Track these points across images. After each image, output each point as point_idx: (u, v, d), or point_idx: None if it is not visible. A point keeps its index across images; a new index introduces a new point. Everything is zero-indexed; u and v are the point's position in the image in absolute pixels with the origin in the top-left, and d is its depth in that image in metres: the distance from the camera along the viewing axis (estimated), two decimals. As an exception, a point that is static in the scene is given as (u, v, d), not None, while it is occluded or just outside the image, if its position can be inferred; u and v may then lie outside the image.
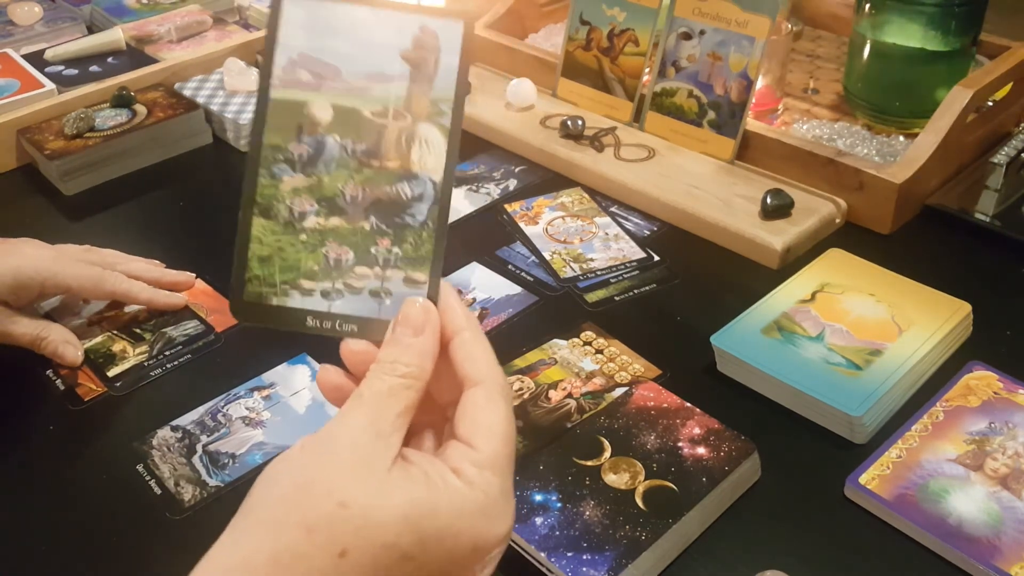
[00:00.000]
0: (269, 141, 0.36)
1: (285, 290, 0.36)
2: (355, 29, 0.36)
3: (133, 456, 0.61)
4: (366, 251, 0.36)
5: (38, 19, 1.23)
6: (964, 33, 0.87)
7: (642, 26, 0.92)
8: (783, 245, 0.76)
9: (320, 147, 0.36)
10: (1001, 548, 0.51)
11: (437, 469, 0.34)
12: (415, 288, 0.36)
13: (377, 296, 0.36)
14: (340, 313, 0.36)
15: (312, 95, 0.36)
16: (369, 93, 0.36)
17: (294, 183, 0.36)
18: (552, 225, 0.83)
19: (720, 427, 0.57)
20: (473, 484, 0.33)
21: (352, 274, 0.36)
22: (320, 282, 0.36)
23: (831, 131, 0.91)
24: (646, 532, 0.51)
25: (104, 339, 0.71)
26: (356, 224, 0.36)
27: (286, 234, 0.36)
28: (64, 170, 0.91)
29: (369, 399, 0.34)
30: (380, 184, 0.36)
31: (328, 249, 0.36)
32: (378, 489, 0.32)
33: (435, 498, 0.33)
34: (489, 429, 0.35)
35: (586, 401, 0.63)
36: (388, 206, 0.36)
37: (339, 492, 0.32)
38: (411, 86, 0.36)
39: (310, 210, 0.36)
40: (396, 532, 0.32)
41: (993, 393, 0.61)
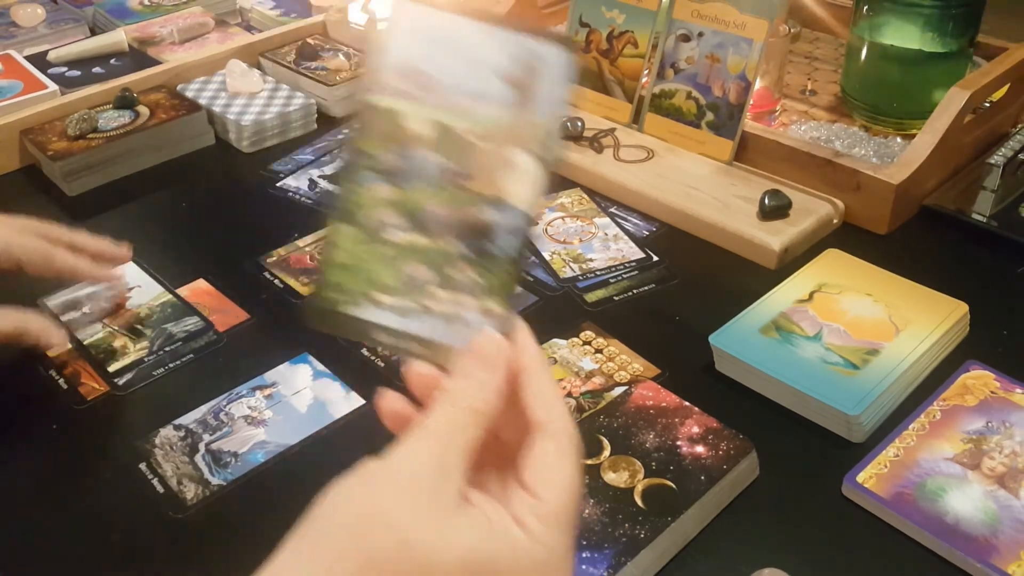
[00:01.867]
0: (363, 147, 0.35)
1: (359, 301, 0.35)
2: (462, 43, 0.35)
3: (136, 455, 0.61)
4: (446, 274, 0.35)
5: (41, 21, 1.23)
6: (961, 34, 0.88)
7: (641, 28, 0.93)
8: (781, 245, 0.76)
9: (412, 161, 0.35)
10: (998, 546, 0.51)
11: (500, 516, 0.32)
12: (489, 318, 0.35)
13: (450, 321, 0.35)
14: (411, 332, 0.35)
15: (412, 106, 0.35)
16: (469, 112, 0.35)
17: (381, 193, 0.35)
18: (552, 225, 0.84)
19: (718, 426, 0.58)
20: (535, 538, 0.32)
21: (429, 295, 0.35)
22: (395, 298, 0.35)
23: (829, 132, 0.92)
24: (645, 530, 0.51)
25: (105, 335, 0.72)
26: (440, 245, 0.35)
27: (369, 244, 0.35)
28: (67, 171, 0.91)
29: (435, 431, 0.33)
30: (469, 207, 0.35)
31: (407, 265, 0.35)
32: (440, 530, 0.31)
33: (496, 548, 0.32)
34: (557, 481, 0.33)
35: (585, 400, 0.64)
36: (475, 231, 0.35)
37: (402, 529, 0.31)
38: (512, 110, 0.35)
39: (395, 223, 0.35)
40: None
41: (990, 392, 0.61)
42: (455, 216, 0.35)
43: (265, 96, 1.02)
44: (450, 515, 0.32)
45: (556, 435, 0.34)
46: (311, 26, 1.18)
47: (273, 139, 1.00)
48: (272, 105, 1.01)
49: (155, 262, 0.80)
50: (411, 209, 0.35)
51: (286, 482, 0.59)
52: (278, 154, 0.97)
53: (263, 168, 0.95)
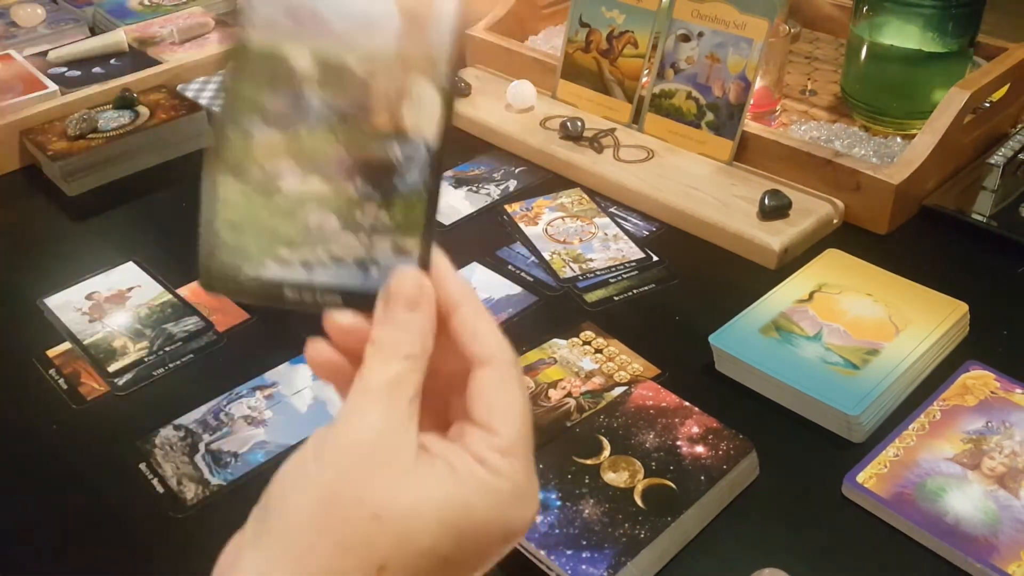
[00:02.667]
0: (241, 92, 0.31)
1: (260, 260, 0.32)
2: None
3: (135, 455, 0.61)
4: (351, 217, 0.32)
5: (41, 21, 1.23)
6: (961, 34, 0.88)
7: (641, 28, 0.93)
8: (781, 245, 0.76)
9: (298, 101, 0.32)
10: (998, 546, 0.51)
11: (461, 460, 0.32)
12: (405, 257, 0.33)
13: (363, 266, 0.33)
14: (322, 284, 0.33)
15: (290, 41, 0.31)
16: (355, 42, 0.31)
17: (269, 140, 0.32)
18: (552, 226, 0.84)
19: (718, 426, 0.58)
20: (500, 473, 0.32)
21: (335, 242, 0.32)
22: (299, 251, 0.32)
23: (829, 132, 0.92)
24: (645, 530, 0.51)
25: (104, 335, 0.72)
26: (339, 188, 0.32)
27: (260, 197, 0.32)
28: (67, 171, 0.91)
29: (378, 390, 0.32)
30: (367, 145, 0.32)
31: (308, 215, 0.32)
32: (408, 494, 0.31)
33: (466, 495, 0.31)
34: (507, 411, 0.33)
35: (585, 400, 0.64)
36: (376, 169, 0.32)
37: (370, 502, 0.30)
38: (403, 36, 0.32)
39: (287, 171, 0.32)
40: (433, 537, 0.30)
41: (990, 392, 0.61)
42: (354, 157, 0.32)
43: (265, 96, 1.02)
44: (414, 474, 0.31)
45: (496, 364, 0.33)
46: (311, 26, 1.18)
47: (273, 139, 1.00)
48: (272, 105, 1.00)
49: (155, 262, 0.80)
50: (306, 155, 0.32)
51: (286, 482, 0.59)
52: (278, 154, 0.97)
53: (263, 168, 0.95)
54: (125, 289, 0.77)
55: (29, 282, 0.79)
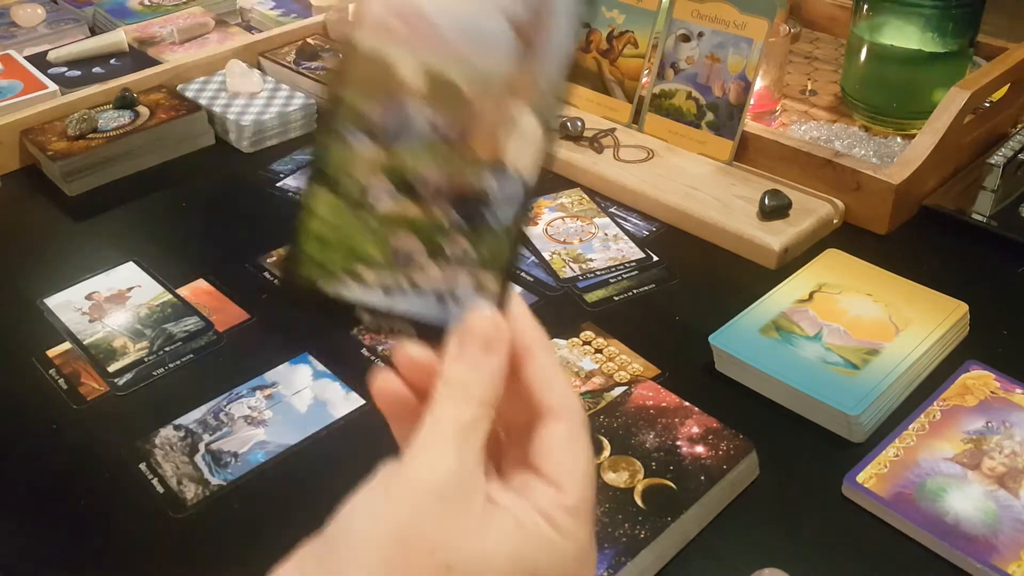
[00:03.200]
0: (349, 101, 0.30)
1: (342, 278, 0.31)
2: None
3: (135, 455, 0.61)
4: (437, 246, 0.31)
5: (41, 21, 1.23)
6: (961, 35, 0.88)
7: (641, 28, 0.93)
8: (781, 245, 0.76)
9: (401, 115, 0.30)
10: (998, 546, 0.51)
11: (528, 516, 0.31)
12: (484, 294, 0.32)
13: (441, 298, 0.32)
14: (399, 311, 0.32)
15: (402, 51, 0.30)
16: (468, 60, 0.30)
17: (370, 155, 0.30)
18: (552, 225, 0.84)
19: (718, 426, 0.58)
20: (566, 534, 0.31)
21: (419, 271, 0.31)
22: (381, 273, 0.31)
23: (829, 132, 0.92)
24: (645, 530, 0.51)
25: (104, 335, 0.72)
26: (431, 214, 0.31)
27: (352, 214, 0.31)
28: (67, 171, 0.91)
29: (450, 432, 0.31)
30: (464, 171, 0.31)
31: (395, 237, 0.31)
32: (477, 546, 0.30)
33: (532, 551, 0.31)
34: (575, 469, 0.32)
35: (585, 400, 0.64)
36: (469, 199, 0.31)
37: (442, 550, 0.29)
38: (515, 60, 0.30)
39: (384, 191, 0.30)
40: None
41: (990, 392, 0.61)
42: (448, 181, 0.31)
43: (265, 96, 1.02)
44: (482, 525, 0.30)
45: (567, 418, 0.32)
46: (311, 26, 1.18)
47: (273, 139, 1.00)
48: (272, 105, 1.01)
49: (155, 262, 0.80)
50: (399, 172, 0.31)
51: (286, 482, 0.59)
52: (278, 154, 0.98)
53: (263, 168, 0.95)
54: (125, 289, 0.77)
55: (29, 282, 0.79)
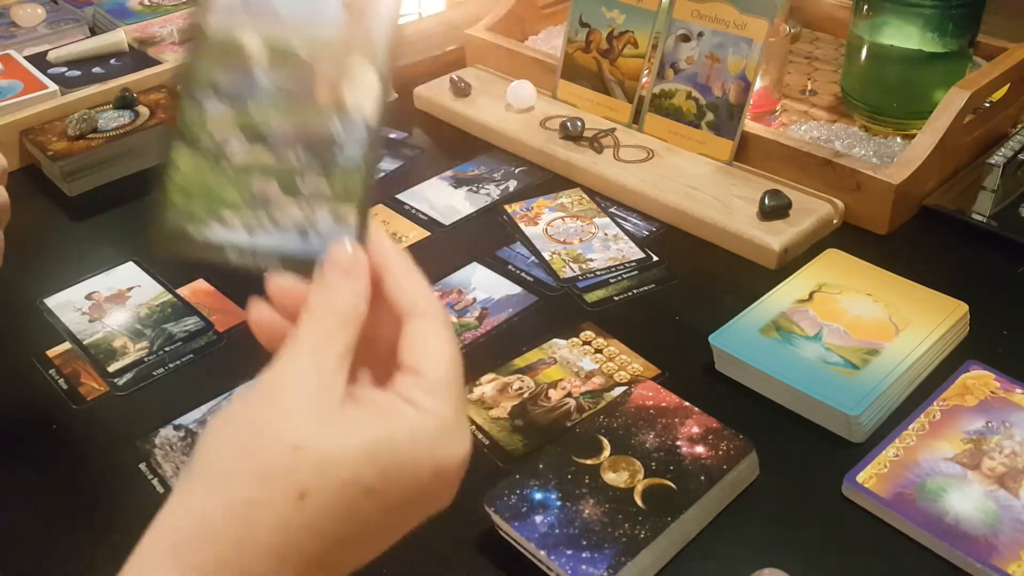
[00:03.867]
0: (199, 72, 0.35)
1: (206, 222, 0.35)
2: None
3: (135, 455, 0.61)
4: (293, 185, 0.35)
5: (41, 21, 1.23)
6: (961, 34, 0.88)
7: (641, 28, 0.93)
8: (781, 245, 0.76)
9: (249, 80, 0.35)
10: (998, 546, 0.51)
11: (388, 400, 0.33)
12: (343, 226, 0.35)
13: (303, 232, 0.35)
14: (264, 248, 0.35)
15: (244, 29, 0.36)
16: (303, 34, 0.36)
17: (220, 113, 0.35)
18: (552, 226, 0.84)
19: (718, 426, 0.58)
20: (426, 410, 0.33)
21: (277, 208, 0.35)
22: (243, 215, 0.35)
23: (829, 132, 0.92)
24: (645, 530, 0.51)
25: (104, 335, 0.72)
26: (283, 157, 0.35)
27: (208, 164, 0.35)
28: (67, 171, 0.91)
29: (306, 341, 0.33)
30: (309, 119, 0.35)
31: (252, 181, 0.35)
32: (332, 427, 0.32)
33: (391, 429, 0.32)
34: (433, 354, 0.34)
35: (585, 400, 0.64)
36: (318, 143, 0.35)
37: (291, 435, 0.31)
38: (346, 25, 0.36)
39: (236, 141, 0.35)
40: (355, 467, 0.31)
41: (990, 392, 0.61)
42: (297, 130, 0.35)
43: (265, 96, 1.02)
44: (338, 414, 0.32)
45: (424, 316, 0.35)
46: (311, 26, 1.18)
47: (273, 139, 1.00)
48: (272, 105, 1.01)
49: (155, 262, 0.80)
50: (253, 126, 0.35)
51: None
52: (278, 154, 0.97)
53: (263, 168, 0.95)
54: (125, 289, 0.77)
55: (29, 282, 0.79)
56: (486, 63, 1.08)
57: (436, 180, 0.92)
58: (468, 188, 0.90)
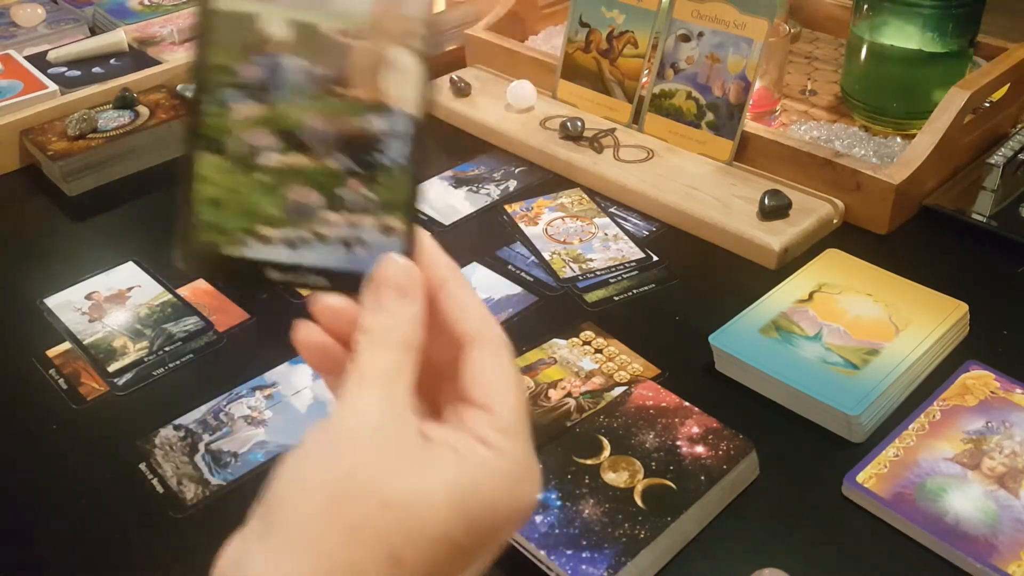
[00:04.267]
0: (214, 62, 0.30)
1: (242, 238, 0.31)
2: None
3: (135, 455, 0.61)
4: (335, 194, 0.31)
5: (41, 21, 1.23)
6: (961, 34, 0.88)
7: (641, 28, 0.93)
8: (781, 245, 0.76)
9: (275, 69, 0.30)
10: (998, 546, 0.51)
11: (463, 443, 0.31)
12: (390, 236, 0.32)
13: (348, 245, 0.32)
14: (308, 264, 0.32)
15: (262, 5, 0.30)
16: (329, 6, 0.31)
17: (246, 112, 0.31)
18: (552, 225, 0.84)
19: (718, 426, 0.58)
20: (502, 452, 0.31)
21: (319, 220, 0.31)
22: (283, 229, 0.31)
23: (829, 132, 0.92)
24: (645, 530, 0.51)
25: (104, 335, 0.72)
26: (321, 162, 0.31)
27: (240, 173, 0.31)
28: (67, 171, 0.91)
29: (374, 379, 0.31)
30: (348, 116, 0.31)
31: (290, 191, 0.31)
32: (415, 479, 0.30)
33: (472, 477, 0.30)
34: (503, 389, 0.32)
35: (585, 400, 0.64)
36: (358, 142, 0.31)
37: (378, 490, 0.29)
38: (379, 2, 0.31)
39: (267, 145, 0.31)
40: (444, 525, 0.30)
41: (990, 392, 0.61)
42: (335, 128, 0.31)
43: (265, 96, 1.02)
44: (418, 460, 0.30)
45: (487, 341, 0.33)
46: (311, 26, 1.18)
47: (273, 139, 1.00)
48: (272, 105, 1.00)
49: (155, 262, 0.80)
50: (285, 126, 0.31)
51: (286, 482, 0.59)
52: (278, 154, 0.97)
53: (263, 168, 0.95)
54: (125, 289, 0.77)
55: (29, 282, 0.79)
56: (486, 63, 1.08)
57: (436, 180, 0.92)
58: (468, 188, 0.90)
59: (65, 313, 0.75)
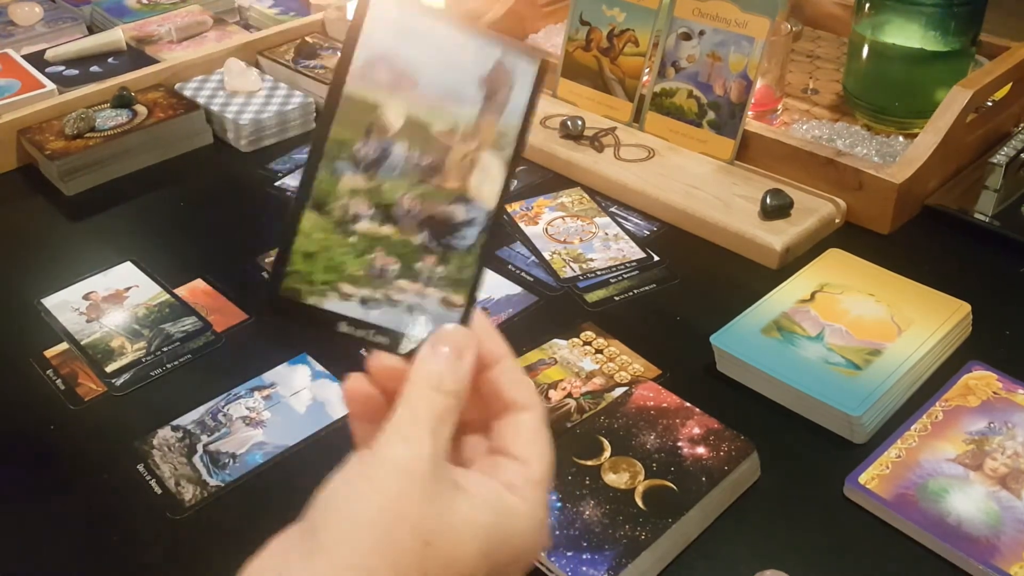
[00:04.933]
0: (336, 136, 0.35)
1: (323, 291, 0.35)
2: (438, 43, 0.36)
3: (134, 456, 0.61)
4: (411, 265, 0.36)
5: (39, 19, 1.23)
6: (963, 33, 0.87)
7: (642, 26, 0.92)
8: (783, 245, 0.76)
9: (386, 152, 0.35)
10: (1000, 547, 0.51)
11: (498, 491, 0.34)
12: (451, 310, 0.36)
13: (412, 312, 0.36)
14: (375, 323, 0.36)
15: (386, 98, 0.35)
16: (442, 110, 0.36)
17: (354, 183, 0.35)
18: (552, 225, 0.83)
19: (720, 427, 0.58)
20: (531, 501, 0.35)
21: (394, 286, 0.36)
22: (361, 288, 0.35)
23: (830, 131, 0.91)
24: (646, 531, 0.51)
25: (102, 335, 0.71)
26: (407, 236, 0.36)
27: (336, 234, 0.35)
28: (64, 170, 0.91)
29: (428, 419, 0.33)
30: (437, 201, 0.36)
31: (375, 257, 0.36)
32: (452, 520, 0.33)
33: (502, 522, 0.34)
34: (541, 448, 0.36)
35: (586, 401, 0.63)
36: (441, 225, 0.36)
37: (422, 528, 0.32)
38: (482, 113, 0.36)
39: (364, 214, 0.35)
40: (475, 562, 0.33)
41: (992, 393, 0.61)
42: (424, 209, 0.36)
43: (263, 95, 1.02)
44: (453, 504, 0.33)
45: (535, 410, 0.37)
46: (309, 24, 1.17)
47: (271, 138, 0.99)
48: (270, 104, 1.00)
49: (153, 262, 0.80)
50: (382, 200, 0.35)
51: (284, 483, 0.59)
52: (276, 153, 0.97)
53: (261, 167, 0.95)
54: (123, 289, 0.77)
55: (26, 282, 0.79)
56: (486, 62, 1.08)
57: (436, 179, 0.91)
58: (468, 187, 0.90)
59: (63, 313, 0.74)
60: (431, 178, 0.36)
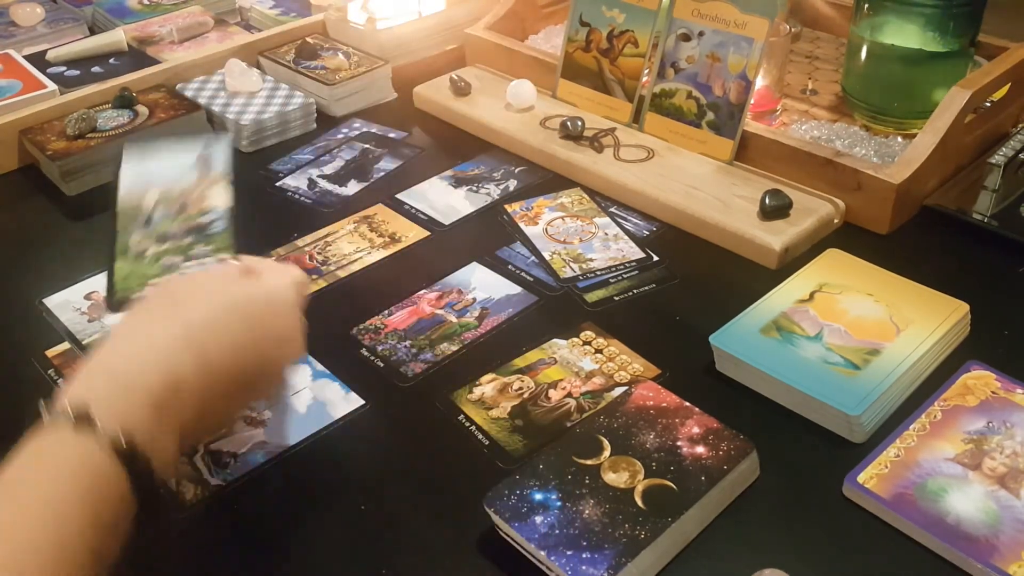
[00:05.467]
0: (122, 216, 0.61)
1: (140, 289, 0.58)
2: (166, 156, 0.64)
3: (135, 455, 0.61)
4: (189, 254, 0.60)
5: (40, 20, 1.23)
6: (962, 34, 0.88)
7: (641, 27, 0.93)
8: (782, 245, 0.76)
9: (152, 215, 0.61)
10: (999, 547, 0.51)
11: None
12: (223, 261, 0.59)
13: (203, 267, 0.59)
14: None
15: (145, 192, 0.62)
16: (177, 182, 0.62)
17: (140, 235, 0.60)
18: (552, 225, 0.83)
19: (719, 426, 0.58)
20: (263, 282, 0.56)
21: (182, 269, 0.59)
22: (162, 278, 0.59)
23: (829, 132, 0.92)
24: (645, 531, 0.51)
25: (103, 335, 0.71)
26: (181, 243, 0.60)
27: (136, 263, 0.59)
28: (66, 170, 0.91)
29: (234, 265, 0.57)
30: (192, 221, 0.61)
31: (165, 260, 0.59)
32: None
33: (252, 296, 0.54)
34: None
35: (586, 400, 0.64)
36: (198, 228, 0.61)
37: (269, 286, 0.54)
38: (199, 174, 0.63)
39: (150, 246, 0.60)
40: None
41: (991, 392, 0.61)
42: (185, 228, 0.61)
43: (264, 95, 1.02)
44: None
45: None
46: (310, 25, 1.18)
47: (272, 138, 1.00)
48: (271, 104, 1.00)
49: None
50: (158, 235, 0.60)
51: (285, 483, 0.59)
52: (277, 154, 0.97)
53: (262, 168, 0.95)
54: (124, 289, 0.77)
55: (28, 282, 0.79)
56: (486, 62, 1.08)
57: (436, 180, 0.92)
58: (468, 188, 0.90)
59: (64, 313, 0.74)
60: (182, 213, 0.61)
